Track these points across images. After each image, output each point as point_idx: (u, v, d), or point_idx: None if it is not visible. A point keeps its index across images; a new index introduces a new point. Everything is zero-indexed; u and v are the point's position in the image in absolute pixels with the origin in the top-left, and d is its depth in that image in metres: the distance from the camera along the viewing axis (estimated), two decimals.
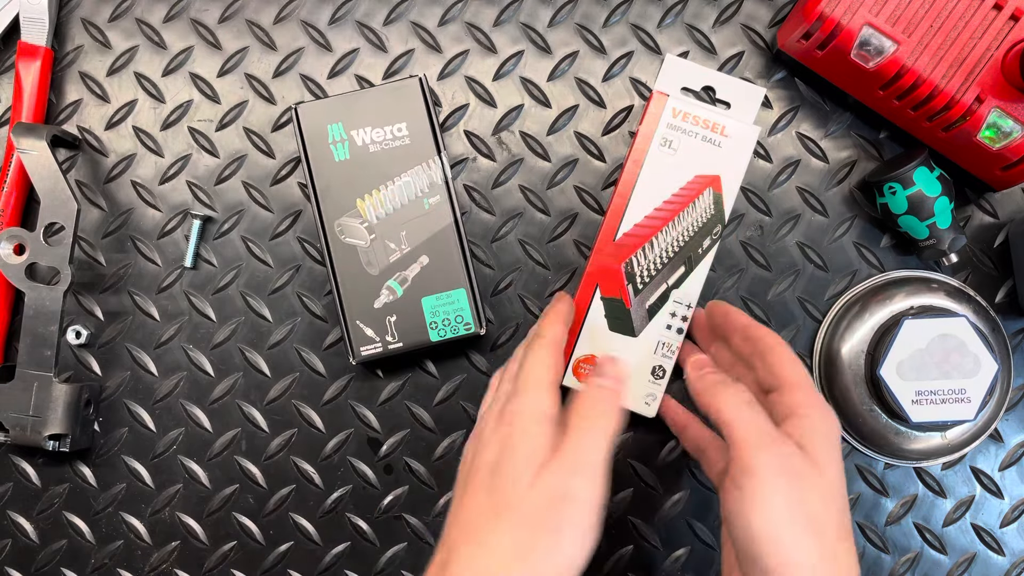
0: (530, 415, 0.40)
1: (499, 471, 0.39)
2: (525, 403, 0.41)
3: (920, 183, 0.50)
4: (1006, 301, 0.54)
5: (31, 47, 0.54)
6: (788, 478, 0.38)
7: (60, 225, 0.51)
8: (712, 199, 0.51)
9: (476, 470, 0.41)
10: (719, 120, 0.51)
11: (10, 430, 0.51)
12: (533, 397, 0.41)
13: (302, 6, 0.56)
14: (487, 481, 0.39)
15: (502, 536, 0.37)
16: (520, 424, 0.40)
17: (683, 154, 0.51)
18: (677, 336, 0.51)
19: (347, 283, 0.51)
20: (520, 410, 0.41)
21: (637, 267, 0.51)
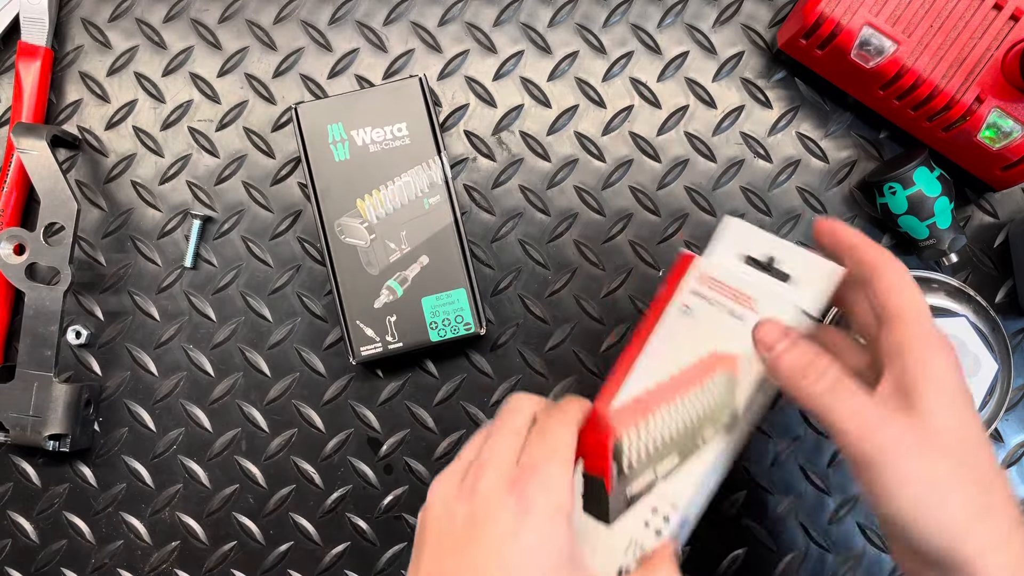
0: (552, 510, 0.35)
1: (506, 566, 0.35)
2: (547, 493, 0.36)
3: (920, 183, 0.50)
4: (1006, 301, 0.54)
5: (31, 47, 0.54)
6: (902, 456, 0.34)
7: (60, 225, 0.51)
8: (724, 383, 0.41)
9: (463, 553, 0.35)
10: (750, 292, 0.41)
11: (10, 430, 0.51)
12: (557, 483, 0.36)
13: (302, 6, 0.56)
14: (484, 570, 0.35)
15: None
16: (539, 519, 0.35)
17: (703, 324, 0.42)
18: (654, 539, 0.41)
19: (347, 283, 0.51)
20: (542, 501, 0.35)
21: (628, 445, 0.42)
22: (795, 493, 0.53)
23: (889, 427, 0.35)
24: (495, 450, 0.38)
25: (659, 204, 0.54)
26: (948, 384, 0.35)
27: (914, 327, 0.36)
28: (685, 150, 0.55)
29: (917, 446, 0.35)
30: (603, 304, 0.54)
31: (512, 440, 0.38)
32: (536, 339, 0.54)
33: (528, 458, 0.37)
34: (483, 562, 0.35)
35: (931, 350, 0.36)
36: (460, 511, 0.36)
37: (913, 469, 0.34)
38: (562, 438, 0.37)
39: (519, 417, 0.39)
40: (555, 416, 0.39)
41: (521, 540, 0.35)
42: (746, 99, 0.55)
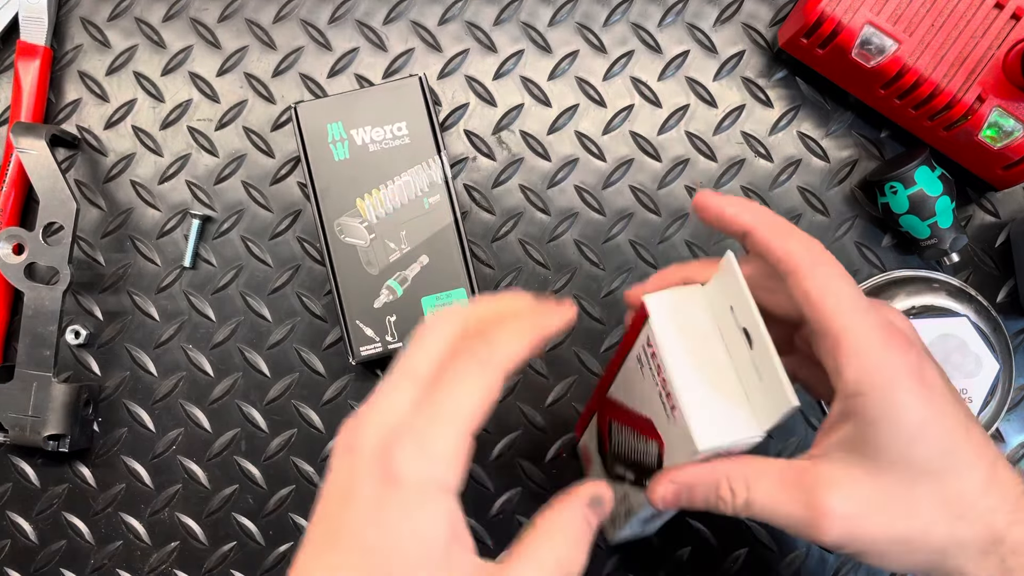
0: (424, 485, 0.29)
1: (369, 546, 0.29)
2: (421, 464, 0.29)
3: (921, 182, 0.50)
4: (1007, 301, 0.54)
5: (30, 46, 0.54)
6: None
7: (59, 225, 0.51)
8: (655, 454, 0.37)
9: (338, 525, 0.30)
10: (676, 390, 0.33)
11: (9, 430, 0.51)
12: (437, 452, 0.30)
13: (302, 5, 0.55)
14: (351, 550, 0.30)
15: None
16: (407, 495, 0.29)
17: (646, 386, 0.36)
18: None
19: (347, 283, 0.51)
20: (411, 473, 0.29)
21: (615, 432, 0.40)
22: None
23: (825, 514, 0.32)
24: (381, 398, 0.31)
25: (660, 204, 0.54)
26: (899, 424, 0.32)
27: (864, 358, 0.31)
28: (686, 149, 0.55)
29: (884, 504, 0.33)
30: (603, 304, 0.54)
31: (405, 389, 0.31)
32: None
33: (414, 416, 0.30)
34: (346, 541, 0.30)
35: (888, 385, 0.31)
36: (339, 467, 0.31)
37: (872, 531, 0.33)
38: (462, 394, 0.30)
39: (422, 356, 0.32)
40: (463, 360, 0.31)
41: (383, 519, 0.29)
42: (747, 98, 0.55)
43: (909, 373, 0.32)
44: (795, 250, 0.33)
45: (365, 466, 0.30)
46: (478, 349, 0.31)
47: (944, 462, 0.33)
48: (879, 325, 0.32)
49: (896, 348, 0.32)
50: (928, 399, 0.32)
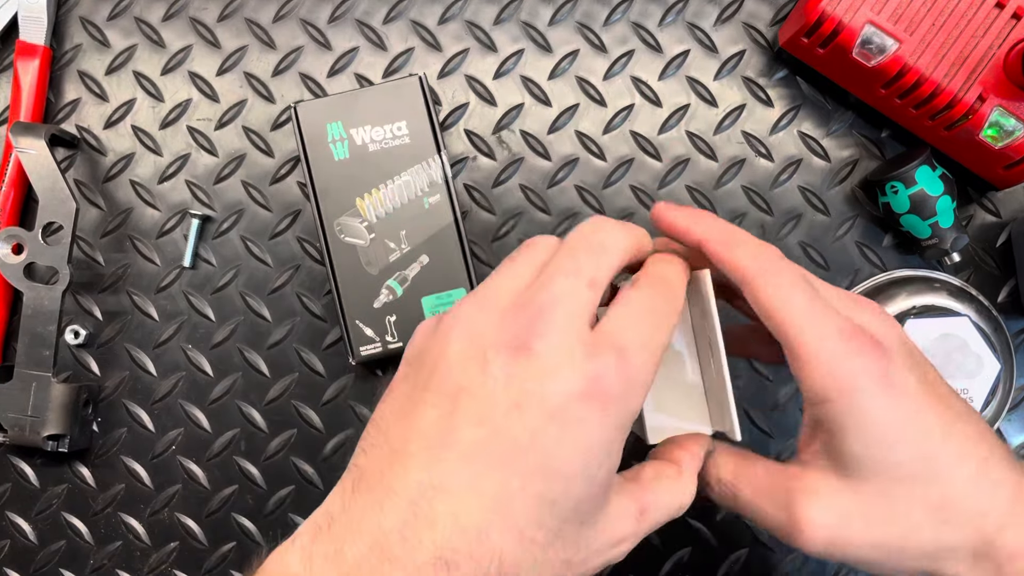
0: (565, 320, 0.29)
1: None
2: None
3: (922, 182, 0.50)
4: (1008, 301, 0.54)
5: (29, 46, 0.54)
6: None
7: (59, 224, 0.51)
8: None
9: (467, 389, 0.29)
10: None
11: (8, 430, 0.51)
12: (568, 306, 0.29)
13: (301, 4, 0.55)
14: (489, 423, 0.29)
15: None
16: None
17: None
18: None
19: (347, 283, 0.51)
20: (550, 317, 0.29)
21: None
22: None
23: (805, 524, 0.32)
24: (565, 287, 0.30)
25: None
26: (868, 428, 0.32)
27: (821, 365, 0.31)
28: (686, 149, 0.54)
29: (865, 511, 0.32)
30: None
31: (591, 277, 0.31)
32: None
33: (621, 325, 0.30)
34: (518, 459, 0.28)
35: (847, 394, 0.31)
36: (499, 365, 0.29)
37: (848, 540, 0.32)
38: (667, 317, 0.31)
39: (591, 266, 0.31)
40: (659, 292, 0.32)
41: (579, 443, 0.29)
42: (747, 98, 0.55)
43: (872, 377, 0.31)
44: (744, 261, 0.33)
45: (561, 371, 0.29)
46: (668, 261, 0.33)
47: (922, 466, 0.32)
48: (837, 330, 0.32)
49: (856, 352, 0.31)
50: (896, 402, 0.32)
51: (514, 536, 0.28)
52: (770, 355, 0.37)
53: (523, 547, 0.28)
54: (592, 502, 0.30)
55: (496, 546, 0.28)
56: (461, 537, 0.28)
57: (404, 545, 0.28)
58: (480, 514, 0.28)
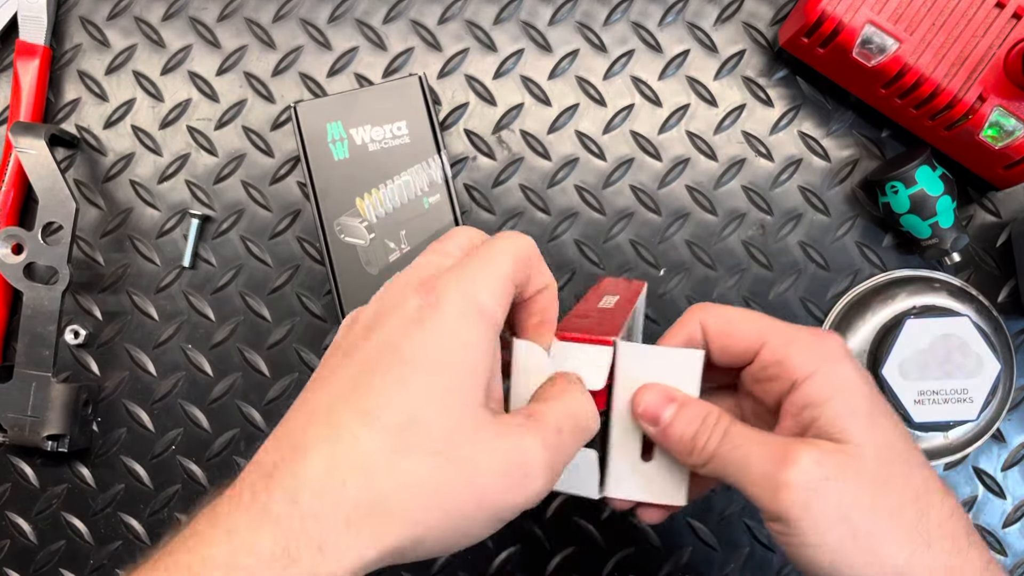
0: (467, 304, 0.30)
1: (408, 357, 0.29)
2: (464, 286, 0.30)
3: (922, 182, 0.50)
4: (1008, 301, 0.54)
5: (29, 46, 0.54)
6: (827, 493, 0.31)
7: (58, 224, 0.51)
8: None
9: (360, 342, 0.30)
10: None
11: (8, 430, 0.51)
12: (480, 282, 0.30)
13: (301, 4, 0.55)
14: (380, 360, 0.29)
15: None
16: (450, 309, 0.30)
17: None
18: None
19: (346, 283, 0.51)
20: (454, 293, 0.30)
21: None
22: None
23: (801, 461, 0.31)
24: (413, 264, 0.33)
25: (660, 203, 0.54)
26: (854, 394, 0.33)
27: (802, 344, 0.34)
28: (686, 149, 0.54)
29: (839, 477, 0.31)
30: None
31: (437, 259, 0.32)
32: None
33: (455, 266, 0.31)
34: (376, 358, 0.29)
35: (821, 356, 0.33)
36: (361, 318, 0.32)
37: (839, 507, 0.31)
38: (499, 256, 0.32)
39: (451, 242, 0.33)
40: (496, 243, 0.33)
41: (423, 330, 0.29)
42: (747, 98, 0.55)
43: (845, 359, 0.34)
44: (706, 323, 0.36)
45: (402, 298, 0.30)
46: (506, 233, 0.33)
47: (904, 446, 0.33)
48: (807, 330, 0.35)
49: (827, 337, 0.35)
50: (864, 381, 0.34)
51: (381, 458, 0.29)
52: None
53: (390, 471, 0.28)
54: (465, 412, 0.30)
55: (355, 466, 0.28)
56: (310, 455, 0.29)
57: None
58: (331, 437, 0.29)
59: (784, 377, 0.34)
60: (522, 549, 0.53)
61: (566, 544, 0.53)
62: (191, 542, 0.27)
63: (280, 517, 0.27)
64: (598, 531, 0.53)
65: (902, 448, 0.33)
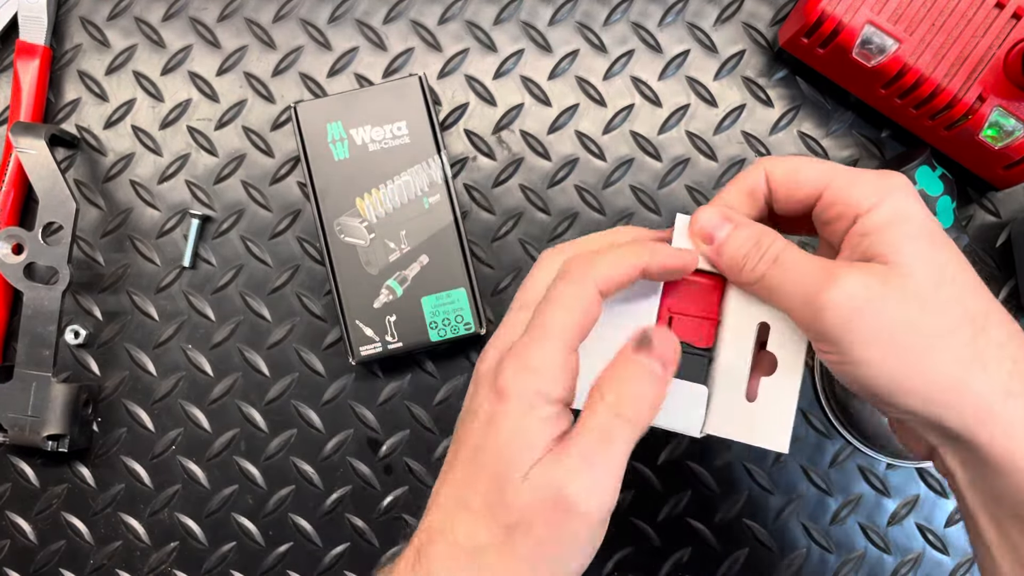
0: (526, 395, 0.32)
1: (483, 454, 0.33)
2: (524, 377, 0.33)
3: (922, 182, 0.50)
4: (1009, 301, 0.54)
5: (29, 46, 0.54)
6: (872, 310, 0.31)
7: (59, 224, 0.51)
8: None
9: (462, 442, 0.35)
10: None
11: (8, 430, 0.51)
12: (537, 366, 0.33)
13: (301, 4, 0.55)
14: (471, 461, 0.34)
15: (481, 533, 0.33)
16: (513, 405, 0.32)
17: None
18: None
19: (347, 283, 0.51)
20: (515, 387, 0.33)
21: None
22: (796, 493, 0.53)
23: (844, 280, 0.31)
24: (501, 328, 0.36)
25: (660, 203, 0.54)
26: (911, 222, 0.32)
27: (866, 182, 0.33)
28: (686, 149, 0.54)
29: (881, 295, 0.31)
30: None
31: (519, 316, 0.36)
32: None
33: (521, 338, 0.34)
34: (463, 451, 0.34)
35: (885, 191, 0.32)
36: (468, 394, 0.36)
37: (881, 324, 0.31)
38: (556, 311, 0.33)
39: (532, 285, 0.36)
40: (559, 281, 0.34)
41: (492, 427, 0.33)
42: (747, 98, 0.55)
43: (911, 193, 0.33)
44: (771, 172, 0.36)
45: (483, 388, 0.34)
46: (572, 269, 0.34)
47: (960, 274, 0.32)
48: (871, 171, 0.34)
49: (892, 176, 0.34)
50: (928, 216, 0.33)
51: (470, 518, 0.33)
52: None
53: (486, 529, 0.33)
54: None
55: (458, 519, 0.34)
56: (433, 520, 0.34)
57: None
58: (445, 500, 0.35)
59: (847, 214, 0.33)
60: None
61: None
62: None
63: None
64: None
65: (957, 272, 0.32)
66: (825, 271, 0.32)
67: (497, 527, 0.32)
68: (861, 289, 0.31)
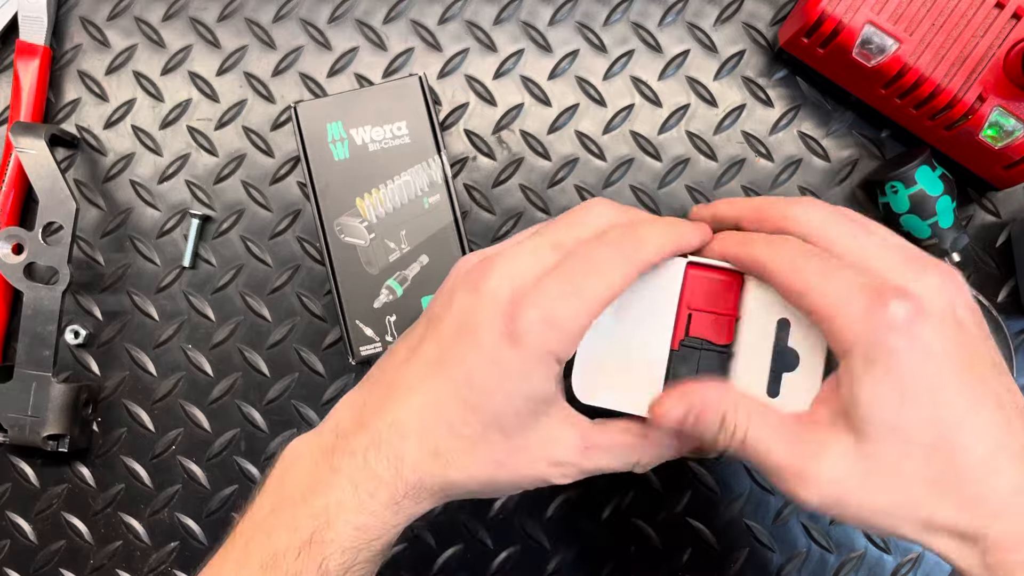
0: (541, 350, 0.33)
1: (474, 387, 0.34)
2: (546, 332, 0.32)
3: (922, 182, 0.50)
4: (1008, 301, 0.54)
5: (29, 46, 0.54)
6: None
7: (59, 224, 0.51)
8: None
9: (435, 352, 0.35)
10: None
11: (8, 430, 0.51)
12: (564, 326, 0.32)
13: (301, 4, 0.55)
14: (453, 381, 0.34)
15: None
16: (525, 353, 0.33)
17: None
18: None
19: (347, 283, 0.51)
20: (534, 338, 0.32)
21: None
22: None
23: (822, 467, 0.32)
24: (523, 251, 0.34)
25: (660, 203, 0.54)
26: (891, 371, 0.31)
27: (841, 318, 0.32)
28: (686, 149, 0.54)
29: (868, 474, 0.32)
30: None
31: (547, 253, 0.34)
32: None
33: (548, 284, 0.33)
34: (458, 374, 0.34)
35: (871, 341, 0.31)
36: (457, 301, 0.35)
37: (863, 501, 0.32)
38: (601, 277, 0.33)
39: (570, 232, 0.35)
40: (612, 247, 0.34)
41: (500, 371, 0.33)
42: (747, 98, 0.55)
43: (895, 332, 0.31)
44: (758, 256, 0.35)
45: (490, 314, 0.33)
46: (626, 242, 0.34)
47: (930, 435, 0.31)
48: (859, 286, 0.32)
49: (880, 306, 0.31)
50: (916, 362, 0.31)
51: (445, 427, 0.34)
52: None
53: (453, 437, 0.34)
54: (514, 418, 0.34)
55: (432, 430, 0.34)
56: (406, 420, 0.35)
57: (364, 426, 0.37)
58: (420, 407, 0.35)
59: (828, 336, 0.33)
60: (522, 549, 0.53)
61: (566, 544, 0.53)
62: (320, 487, 0.36)
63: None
64: (597, 531, 0.53)
65: (926, 436, 0.31)
66: (799, 456, 0.33)
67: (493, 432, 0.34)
68: (842, 473, 0.32)
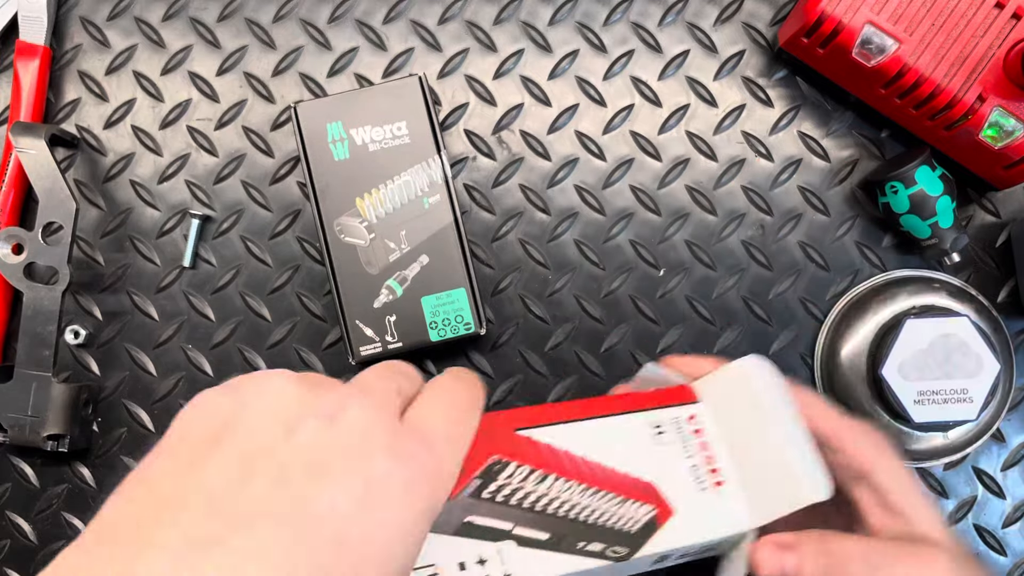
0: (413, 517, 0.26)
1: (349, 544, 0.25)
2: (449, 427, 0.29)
3: (922, 182, 0.50)
4: (1008, 301, 0.54)
5: (29, 46, 0.54)
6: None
7: (59, 224, 0.51)
8: (643, 519, 0.35)
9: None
10: (721, 467, 0.37)
11: (8, 430, 0.51)
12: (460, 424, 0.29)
13: (301, 4, 0.55)
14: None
15: None
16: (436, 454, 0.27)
17: (662, 455, 0.37)
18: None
19: (346, 283, 0.51)
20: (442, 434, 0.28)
21: (506, 476, 0.34)
22: None
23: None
24: (376, 382, 0.29)
25: (660, 203, 0.54)
26: (929, 502, 0.39)
27: (944, 543, 0.38)
28: (686, 149, 0.54)
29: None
30: (603, 304, 0.54)
31: (398, 384, 0.29)
32: (536, 339, 0.54)
33: (427, 414, 0.28)
34: (313, 528, 0.24)
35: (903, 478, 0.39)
36: (307, 431, 0.26)
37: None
38: (470, 413, 0.30)
39: (399, 378, 0.30)
40: (462, 388, 0.31)
41: (382, 522, 0.25)
42: (747, 98, 0.55)
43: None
44: (867, 454, 0.40)
45: (373, 452, 0.26)
46: (463, 385, 0.32)
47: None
48: (940, 521, 0.39)
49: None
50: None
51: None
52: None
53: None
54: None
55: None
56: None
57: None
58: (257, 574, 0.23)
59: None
60: None
61: None
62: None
63: None
64: None
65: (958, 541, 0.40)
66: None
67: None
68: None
